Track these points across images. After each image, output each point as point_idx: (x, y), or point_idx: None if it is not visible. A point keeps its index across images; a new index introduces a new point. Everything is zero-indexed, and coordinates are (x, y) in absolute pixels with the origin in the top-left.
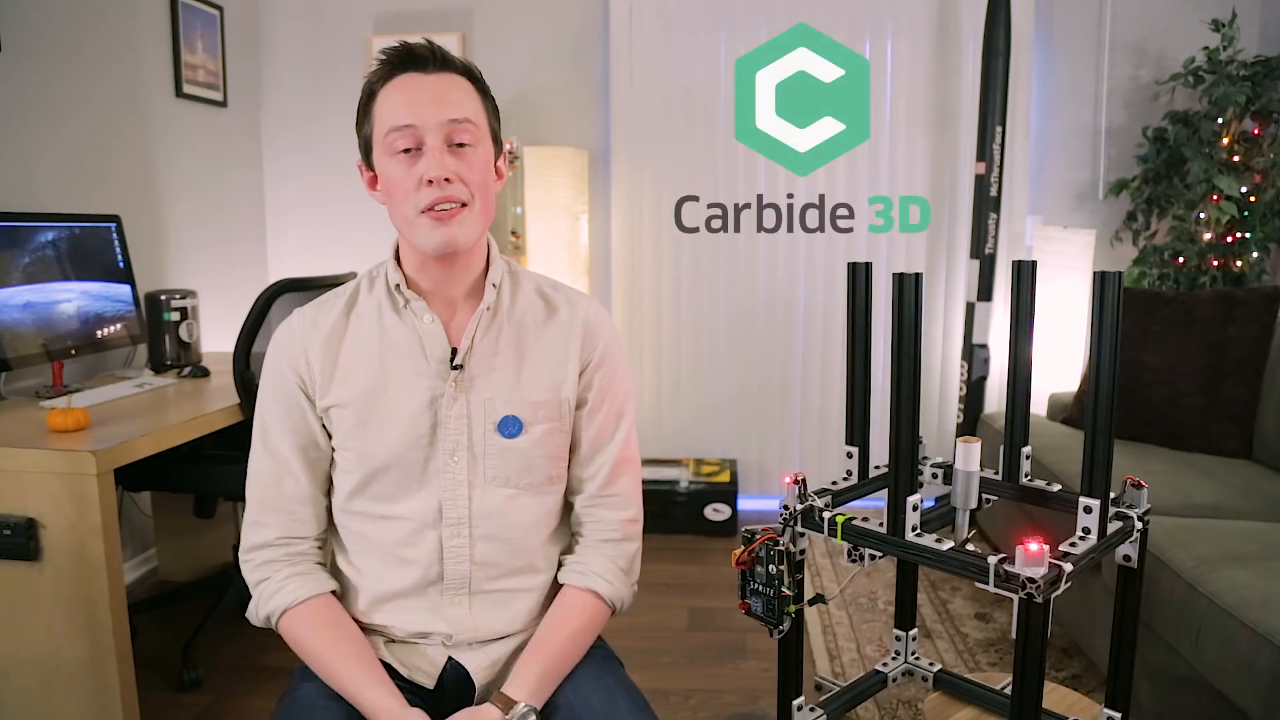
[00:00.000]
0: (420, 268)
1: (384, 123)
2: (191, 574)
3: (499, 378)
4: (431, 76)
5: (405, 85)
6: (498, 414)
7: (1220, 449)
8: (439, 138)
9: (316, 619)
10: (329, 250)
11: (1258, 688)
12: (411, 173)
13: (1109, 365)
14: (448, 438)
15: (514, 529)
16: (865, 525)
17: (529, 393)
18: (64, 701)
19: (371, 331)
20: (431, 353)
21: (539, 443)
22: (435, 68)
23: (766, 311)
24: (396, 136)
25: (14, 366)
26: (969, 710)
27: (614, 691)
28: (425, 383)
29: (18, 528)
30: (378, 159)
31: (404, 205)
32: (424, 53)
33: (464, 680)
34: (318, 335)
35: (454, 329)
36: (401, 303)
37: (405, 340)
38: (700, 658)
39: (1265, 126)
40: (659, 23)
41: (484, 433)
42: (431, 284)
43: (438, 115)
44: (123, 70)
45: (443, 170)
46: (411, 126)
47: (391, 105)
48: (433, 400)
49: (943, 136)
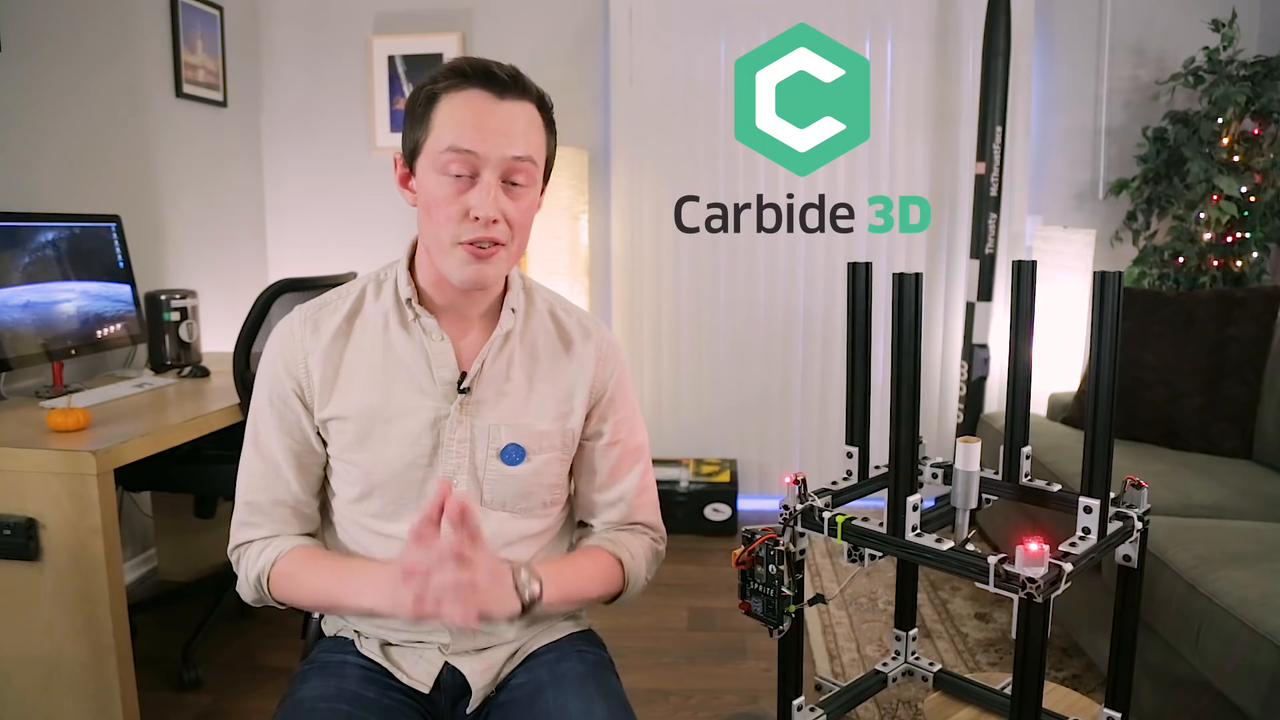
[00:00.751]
0: (437, 284)
1: (442, 138)
2: (191, 574)
3: (506, 404)
4: (505, 104)
5: (474, 104)
6: (502, 440)
7: (1220, 449)
8: (496, 173)
9: (307, 554)
10: (329, 250)
11: (1258, 688)
12: (459, 200)
13: (1109, 365)
14: (449, 460)
15: (511, 549)
16: (865, 525)
17: (535, 421)
18: (64, 701)
19: (376, 342)
20: (439, 374)
21: (539, 471)
22: (510, 93)
23: (766, 312)
24: (453, 159)
25: (14, 366)
26: (969, 710)
27: (594, 701)
28: (429, 403)
29: (18, 528)
30: (423, 169)
31: (442, 229)
32: (502, 74)
33: (461, 685)
34: (319, 342)
35: (464, 349)
36: (411, 317)
37: (412, 357)
38: (700, 658)
39: (1265, 126)
40: (659, 23)
41: (486, 458)
42: (446, 301)
43: (501, 149)
44: (122, 70)
45: (493, 211)
46: (472, 154)
47: (455, 122)
48: (435, 421)
49: (943, 136)
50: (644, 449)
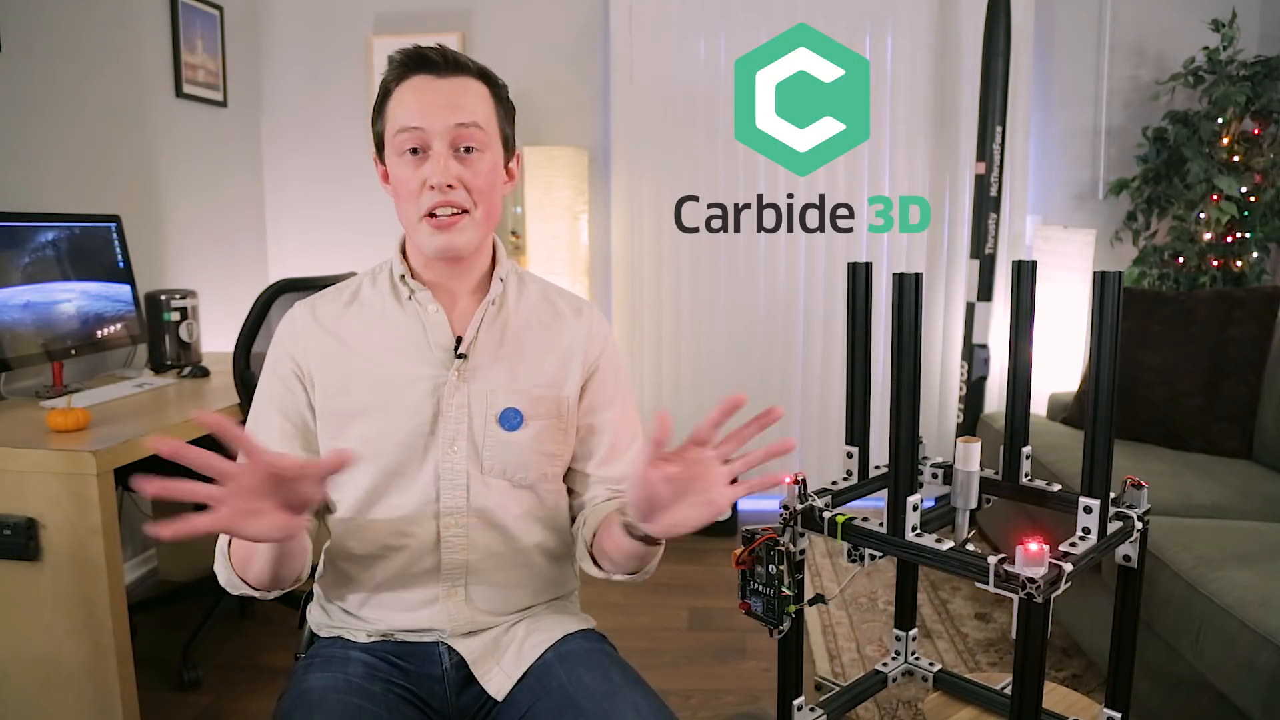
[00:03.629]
0: (426, 264)
1: (394, 122)
2: (191, 574)
3: (501, 369)
4: (443, 80)
5: (416, 86)
6: (499, 405)
7: (1220, 449)
8: (445, 142)
9: None
10: (329, 250)
11: (1258, 688)
12: (416, 175)
13: (1109, 365)
14: (448, 427)
15: (510, 521)
16: (865, 525)
17: (530, 387)
18: (64, 701)
19: (375, 324)
20: (435, 340)
21: (537, 438)
22: (447, 71)
23: (766, 311)
24: (405, 138)
25: (14, 366)
26: (969, 710)
27: (609, 670)
28: (428, 370)
29: (18, 528)
30: (388, 157)
31: (408, 206)
32: (435, 56)
33: (464, 677)
34: (318, 325)
35: (457, 320)
36: (406, 293)
37: (409, 328)
38: (700, 658)
39: (1265, 126)
40: (659, 23)
41: (484, 424)
42: (437, 278)
43: (445, 119)
44: (123, 70)
45: (445, 176)
46: (418, 129)
47: (402, 106)
48: (435, 389)
49: (943, 136)
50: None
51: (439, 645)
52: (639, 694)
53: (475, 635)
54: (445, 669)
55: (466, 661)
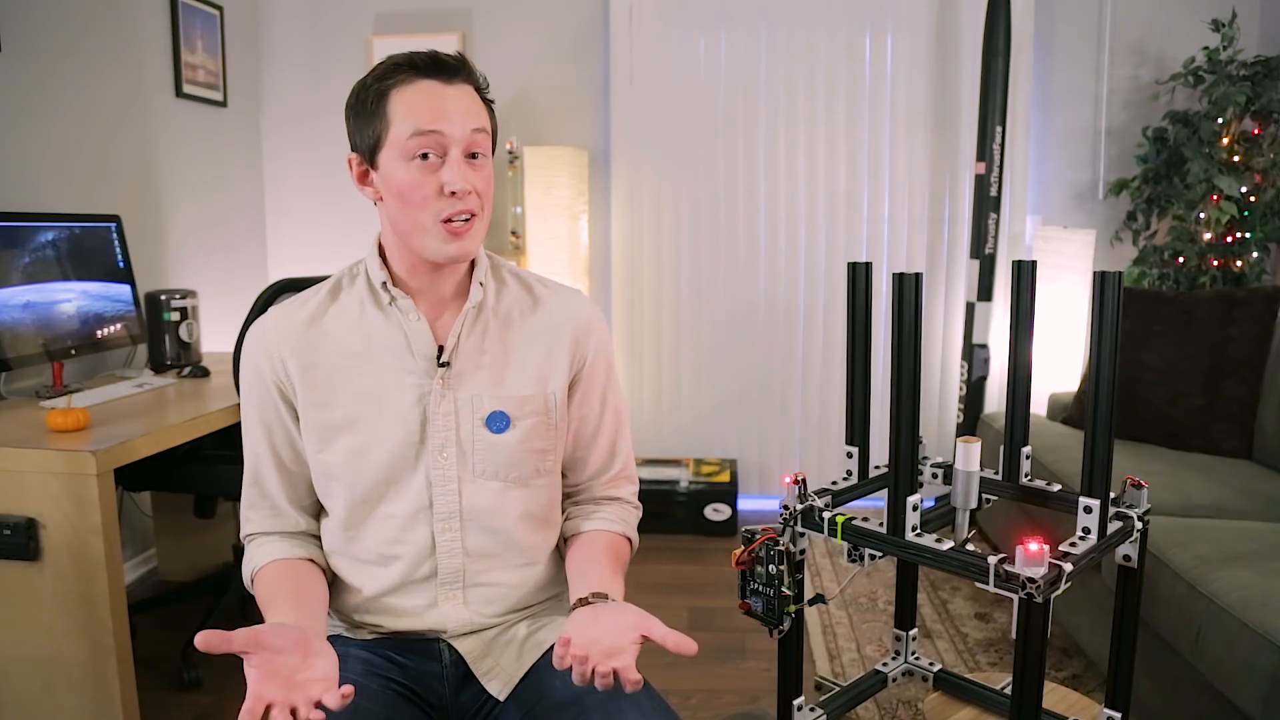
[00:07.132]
0: (411, 270)
1: (405, 125)
2: (191, 574)
3: (486, 374)
4: (454, 87)
5: (430, 91)
6: (485, 409)
7: (1220, 449)
8: (462, 148)
9: (285, 569)
10: (329, 250)
11: (1258, 688)
12: (430, 180)
13: (1109, 365)
14: (436, 434)
15: (505, 522)
16: (865, 525)
17: (516, 388)
18: (64, 701)
19: (354, 331)
20: (418, 350)
21: (526, 437)
22: (460, 78)
23: (766, 311)
24: (420, 142)
25: (14, 366)
26: (969, 710)
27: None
28: (411, 380)
29: (18, 528)
30: (387, 160)
31: (420, 212)
32: (451, 62)
33: (463, 675)
34: (291, 335)
35: (439, 327)
36: (387, 300)
37: (391, 338)
38: (700, 658)
39: (1265, 126)
40: (659, 23)
41: (472, 428)
42: (421, 284)
43: (464, 125)
44: (122, 70)
45: (467, 183)
46: (438, 134)
47: (415, 110)
48: (420, 397)
49: (943, 136)
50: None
51: (438, 642)
52: (641, 693)
53: (475, 635)
54: (444, 666)
55: (466, 661)
